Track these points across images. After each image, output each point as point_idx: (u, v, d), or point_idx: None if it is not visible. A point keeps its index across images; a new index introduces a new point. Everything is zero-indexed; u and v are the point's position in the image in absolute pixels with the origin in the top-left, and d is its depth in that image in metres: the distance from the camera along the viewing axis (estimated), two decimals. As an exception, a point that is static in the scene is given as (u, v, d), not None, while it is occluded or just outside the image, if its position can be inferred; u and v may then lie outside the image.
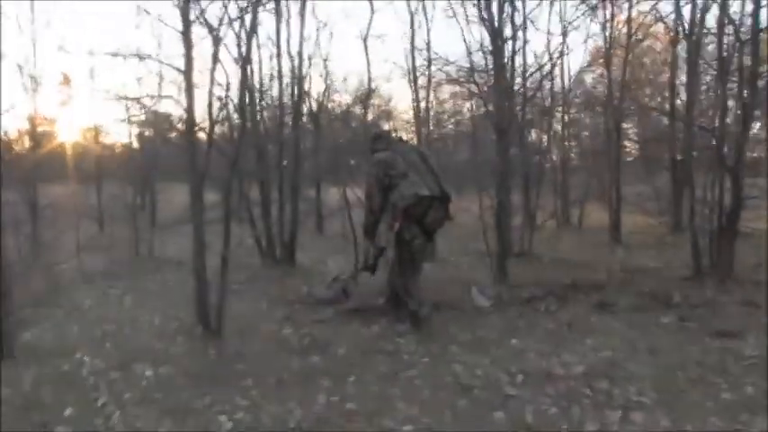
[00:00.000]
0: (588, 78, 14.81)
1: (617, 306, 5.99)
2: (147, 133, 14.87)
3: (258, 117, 9.36)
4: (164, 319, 5.94)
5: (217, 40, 5.08)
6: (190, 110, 5.06)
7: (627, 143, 17.52)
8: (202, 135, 5.51)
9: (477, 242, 8.85)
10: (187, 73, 5.03)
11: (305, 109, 11.45)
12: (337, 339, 5.12)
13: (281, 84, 9.32)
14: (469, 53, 8.23)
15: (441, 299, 6.18)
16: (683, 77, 12.08)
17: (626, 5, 10.79)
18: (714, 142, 7.06)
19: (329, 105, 13.87)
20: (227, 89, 5.34)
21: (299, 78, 9.34)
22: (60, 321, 6.19)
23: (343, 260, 8.29)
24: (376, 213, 5.65)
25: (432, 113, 11.59)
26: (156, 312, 6.21)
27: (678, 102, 12.12)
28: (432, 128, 12.41)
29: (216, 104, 5.12)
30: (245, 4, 5.20)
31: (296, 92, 9.45)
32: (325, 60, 11.74)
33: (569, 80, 13.29)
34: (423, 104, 10.72)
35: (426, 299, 5.67)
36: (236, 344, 4.97)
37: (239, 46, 7.08)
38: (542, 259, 9.04)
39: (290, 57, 9.29)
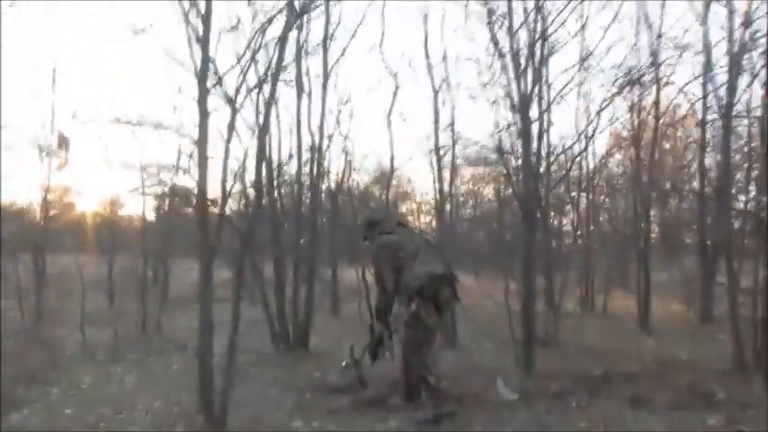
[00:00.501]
0: (612, 161, 14.59)
1: (654, 402, 5.49)
2: (163, 206, 14.74)
3: (275, 193, 9.12)
4: (164, 404, 5.52)
5: (234, 110, 4.87)
6: (202, 182, 4.79)
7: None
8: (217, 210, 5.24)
9: (499, 328, 8.41)
10: (201, 143, 4.79)
11: (323, 187, 11.27)
12: (356, 431, 4.71)
13: (299, 159, 9.10)
14: (496, 132, 7.99)
15: (463, 390, 5.74)
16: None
17: (654, 87, 10.58)
18: (753, 225, 6.69)
19: (348, 184, 13.71)
20: (244, 162, 5.09)
21: (318, 155, 9.13)
22: (54, 401, 5.81)
23: (359, 344, 7.86)
24: (389, 295, 5.57)
25: (454, 195, 11.27)
26: (158, 396, 5.79)
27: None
28: (454, 209, 12.09)
29: (230, 177, 4.84)
30: (264, 75, 5.00)
31: (315, 169, 9.22)
32: (345, 138, 11.58)
33: (594, 163, 13.05)
34: (446, 185, 10.53)
35: (447, 393, 5.38)
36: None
37: (257, 116, 6.89)
38: (568, 348, 8.55)
39: (310, 132, 9.10)
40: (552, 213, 13.14)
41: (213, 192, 5.11)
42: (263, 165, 6.88)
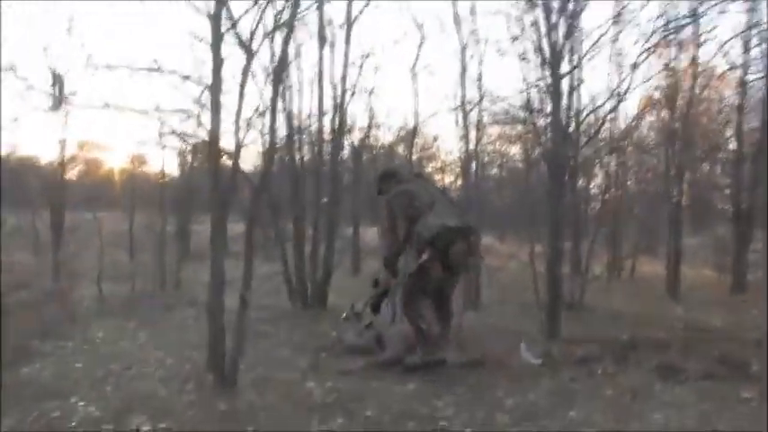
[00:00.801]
0: (645, 123, 14.07)
1: (684, 372, 5.21)
2: (186, 161, 14.55)
3: (295, 146, 8.86)
4: (176, 361, 5.38)
5: (249, 55, 4.60)
6: (215, 130, 4.55)
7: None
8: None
9: (523, 291, 8.19)
10: (214, 90, 4.53)
11: (346, 143, 11.00)
12: (366, 397, 4.49)
13: (321, 113, 8.82)
14: (525, 88, 7.61)
15: (485, 353, 5.53)
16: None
17: (692, 44, 10.09)
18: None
19: (371, 141, 13.42)
20: (258, 109, 4.84)
21: (340, 109, 8.81)
22: (67, 355, 5.72)
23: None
24: (400, 244, 5.44)
25: (479, 153, 10.87)
26: (171, 352, 5.67)
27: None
28: (479, 169, 11.72)
29: (243, 125, 4.59)
30: (281, 17, 4.71)
31: (337, 123, 8.92)
32: (369, 92, 11.24)
33: (626, 123, 12.57)
34: (471, 144, 10.08)
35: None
36: (250, 397, 4.38)
37: (273, 59, 6.59)
38: (594, 313, 8.29)
39: (333, 85, 8.78)
40: (580, 174, 12.76)
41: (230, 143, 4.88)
42: (279, 106, 6.60)
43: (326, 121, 8.92)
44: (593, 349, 5.88)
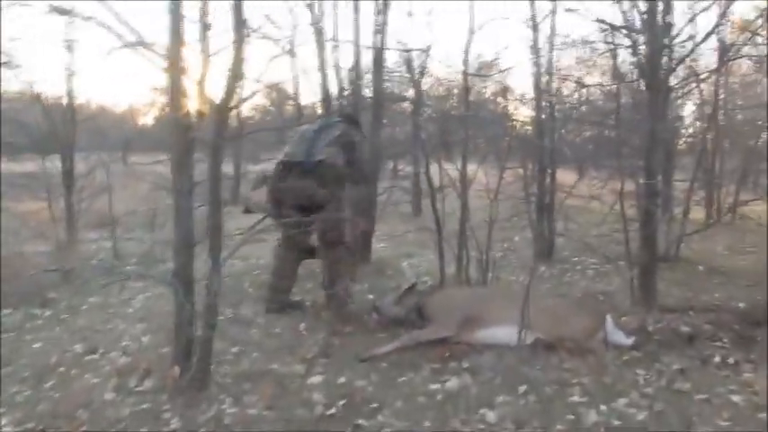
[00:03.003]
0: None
1: None
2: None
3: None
4: (152, 342, 4.23)
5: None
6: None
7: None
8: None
9: (608, 241, 6.69)
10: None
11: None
12: (386, 403, 3.23)
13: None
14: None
15: (556, 329, 4.14)
16: None
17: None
18: None
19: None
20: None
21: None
22: (36, 328, 4.66)
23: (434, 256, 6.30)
24: None
25: (555, 81, 9.15)
26: (161, 328, 4.51)
27: None
28: (554, 99, 9.97)
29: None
30: None
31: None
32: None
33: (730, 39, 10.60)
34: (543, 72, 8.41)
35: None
36: (216, 408, 3.17)
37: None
38: (696, 268, 6.71)
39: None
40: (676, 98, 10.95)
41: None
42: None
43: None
44: (701, 323, 4.43)
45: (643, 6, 5.39)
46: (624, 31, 6.10)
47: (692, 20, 7.33)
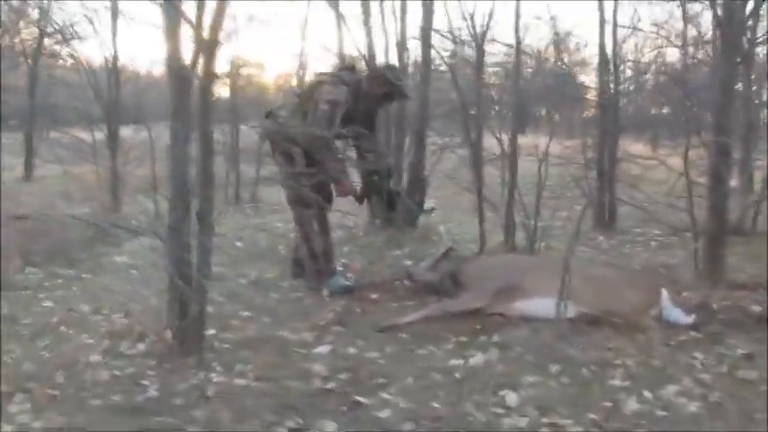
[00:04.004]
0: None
1: None
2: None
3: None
4: (163, 304, 3.94)
5: None
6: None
7: None
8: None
9: (674, 212, 6.04)
10: None
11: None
12: (395, 379, 2.84)
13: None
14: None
15: (606, 303, 3.64)
16: None
17: None
18: None
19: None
20: None
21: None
22: (43, 291, 4.45)
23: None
24: None
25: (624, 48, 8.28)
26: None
27: None
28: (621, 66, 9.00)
29: None
30: None
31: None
32: None
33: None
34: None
35: None
36: (210, 373, 2.83)
37: None
38: (769, 242, 6.01)
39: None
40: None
41: None
42: None
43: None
44: (776, 302, 3.87)
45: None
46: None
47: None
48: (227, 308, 3.90)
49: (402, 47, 6.81)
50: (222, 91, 10.42)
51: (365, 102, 4.43)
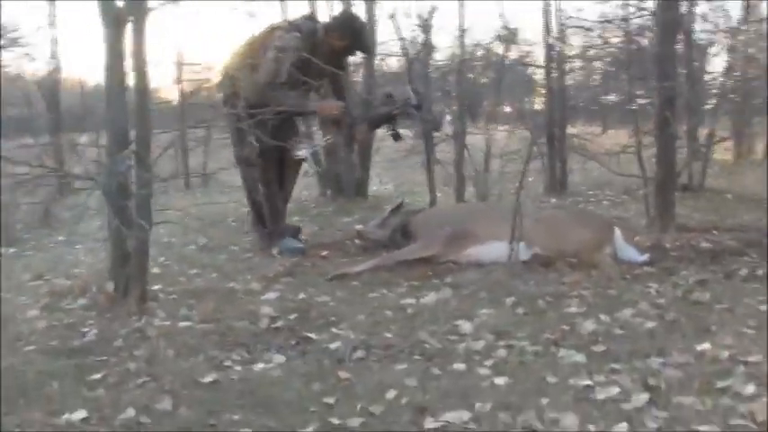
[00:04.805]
0: None
1: None
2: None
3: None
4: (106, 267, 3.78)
5: None
6: None
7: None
8: None
9: (626, 179, 6.00)
10: None
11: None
12: (349, 314, 2.76)
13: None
14: None
15: (557, 246, 3.60)
16: None
17: None
18: None
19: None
20: None
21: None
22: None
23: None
24: None
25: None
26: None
27: None
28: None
29: None
30: None
31: None
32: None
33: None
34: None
35: None
36: (152, 319, 2.70)
37: None
38: (724, 197, 6.09)
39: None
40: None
41: None
42: None
43: None
44: (725, 241, 3.88)
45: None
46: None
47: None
48: (175, 268, 3.76)
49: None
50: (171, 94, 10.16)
51: (323, 53, 4.08)
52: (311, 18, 4.44)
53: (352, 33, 4.19)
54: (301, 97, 4.04)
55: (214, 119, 5.00)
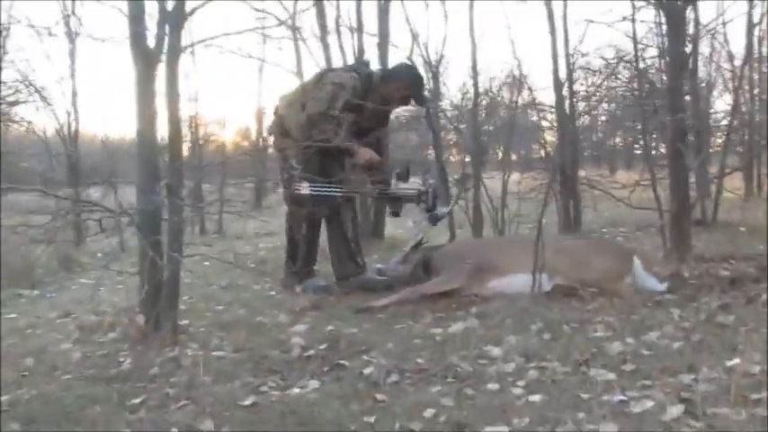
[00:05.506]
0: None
1: None
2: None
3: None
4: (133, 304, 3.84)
5: None
6: None
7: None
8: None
9: (639, 214, 6.05)
10: None
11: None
12: (378, 343, 2.80)
13: None
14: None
15: (579, 276, 3.64)
16: None
17: None
18: None
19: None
20: None
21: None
22: (4, 307, 4.31)
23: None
24: None
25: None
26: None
27: None
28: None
29: None
30: None
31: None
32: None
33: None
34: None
35: None
36: (185, 349, 2.75)
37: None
38: (737, 230, 6.13)
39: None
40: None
41: None
42: None
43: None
44: (743, 268, 3.91)
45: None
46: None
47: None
48: (201, 305, 3.82)
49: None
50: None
51: (376, 98, 4.11)
52: (367, 64, 4.52)
53: (414, 83, 4.24)
54: (348, 136, 4.00)
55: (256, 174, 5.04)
